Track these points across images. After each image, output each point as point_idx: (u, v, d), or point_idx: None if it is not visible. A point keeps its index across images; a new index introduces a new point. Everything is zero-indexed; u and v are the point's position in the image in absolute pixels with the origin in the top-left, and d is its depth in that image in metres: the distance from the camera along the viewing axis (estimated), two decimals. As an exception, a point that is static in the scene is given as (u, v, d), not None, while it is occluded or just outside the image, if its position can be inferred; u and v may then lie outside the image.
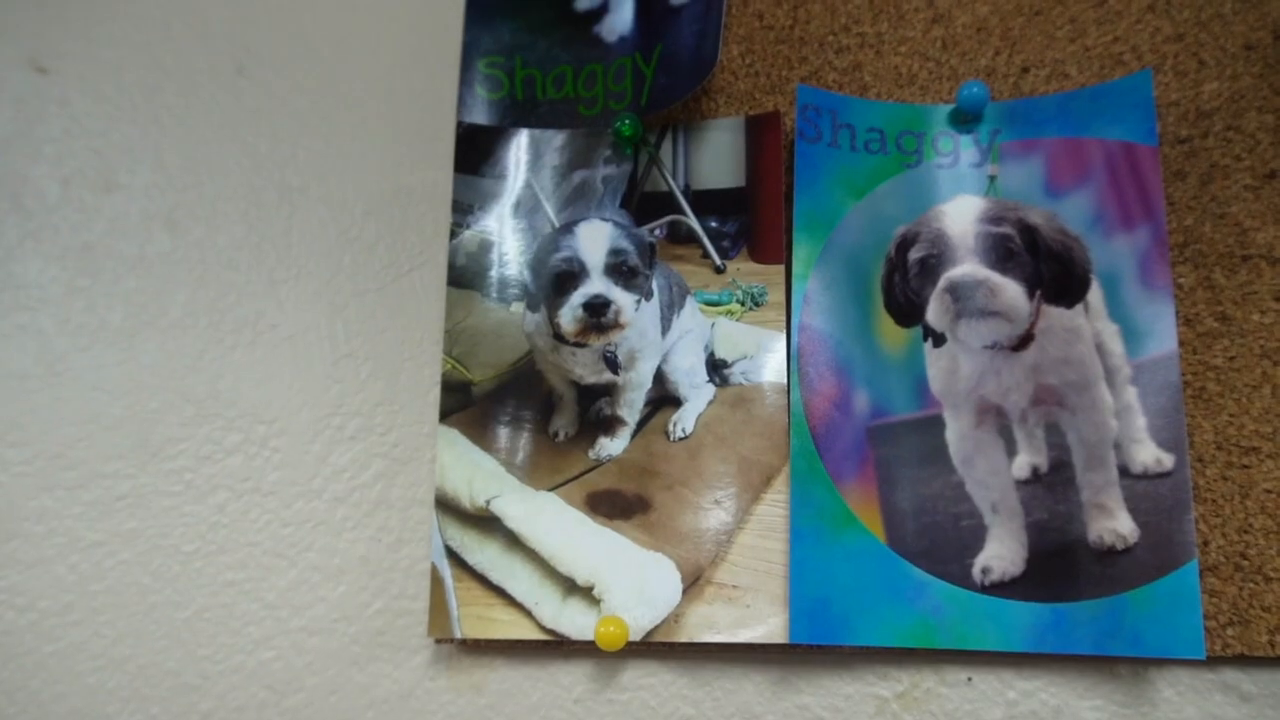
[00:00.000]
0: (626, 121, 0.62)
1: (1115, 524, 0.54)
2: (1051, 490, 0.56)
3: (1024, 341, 0.57)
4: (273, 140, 0.71)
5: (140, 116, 0.74)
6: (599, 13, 0.66)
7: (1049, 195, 0.59)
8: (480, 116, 0.66)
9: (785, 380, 0.58)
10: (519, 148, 0.65)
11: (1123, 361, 0.56)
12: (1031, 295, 0.57)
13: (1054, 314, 0.57)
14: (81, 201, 0.73)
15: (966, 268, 0.58)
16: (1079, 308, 0.57)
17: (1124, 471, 0.54)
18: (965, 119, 0.60)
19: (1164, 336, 0.55)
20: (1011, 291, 0.57)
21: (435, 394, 0.64)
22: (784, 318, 0.59)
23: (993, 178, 0.60)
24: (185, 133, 0.73)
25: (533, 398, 0.61)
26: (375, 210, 0.69)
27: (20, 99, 0.76)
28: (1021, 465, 0.56)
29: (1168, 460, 0.54)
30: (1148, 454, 0.54)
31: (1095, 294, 0.57)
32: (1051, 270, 0.57)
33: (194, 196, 0.72)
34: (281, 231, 0.70)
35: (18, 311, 0.72)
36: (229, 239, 0.70)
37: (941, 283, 0.58)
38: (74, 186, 0.74)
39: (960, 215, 0.59)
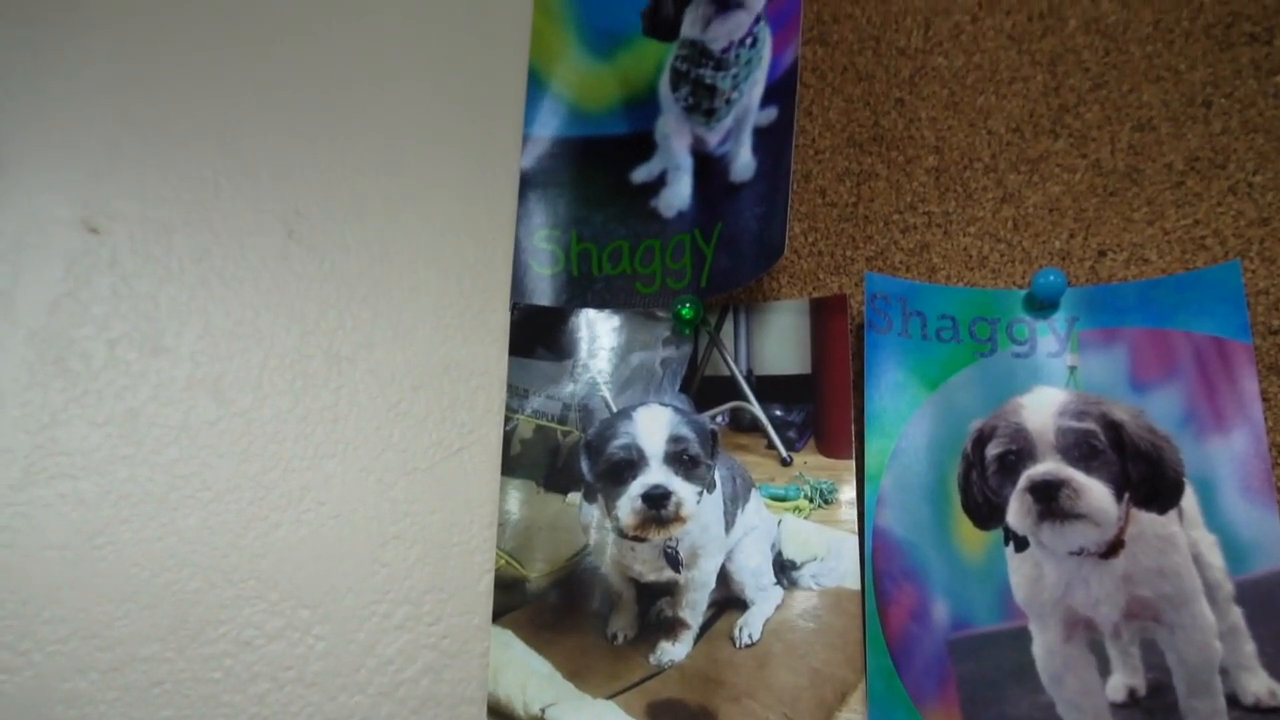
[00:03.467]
0: (687, 305, 0.60)
1: (1223, 760, 0.50)
2: (1151, 716, 0.52)
3: (1113, 548, 0.54)
4: (321, 307, 0.70)
5: (189, 279, 0.73)
6: (656, 186, 0.65)
7: (1134, 390, 0.56)
8: (535, 293, 0.64)
9: (859, 587, 0.55)
10: (575, 329, 0.63)
11: (1224, 577, 0.52)
12: (1119, 498, 0.54)
13: (1145, 520, 0.54)
14: (127, 365, 0.72)
15: (1048, 465, 0.55)
16: (1172, 514, 0.54)
17: (1233, 702, 0.50)
18: (1041, 305, 0.58)
19: (1271, 552, 0.52)
20: (1097, 493, 0.54)
21: (487, 582, 0.61)
22: (855, 518, 0.56)
23: (1073, 368, 0.57)
24: (233, 297, 0.72)
25: (590, 597, 0.58)
26: (425, 384, 0.67)
27: (71, 259, 0.75)
28: (1116, 687, 0.53)
29: (1280, 690, 0.50)
30: (1260, 684, 0.50)
31: (1189, 500, 0.54)
32: (1140, 471, 0.54)
33: (240, 363, 0.70)
34: (329, 404, 0.68)
35: (60, 479, 0.70)
36: (275, 409, 0.69)
37: (1022, 482, 0.55)
38: (120, 349, 0.73)
39: (1040, 408, 0.56)
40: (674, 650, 0.57)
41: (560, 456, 0.61)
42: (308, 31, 0.76)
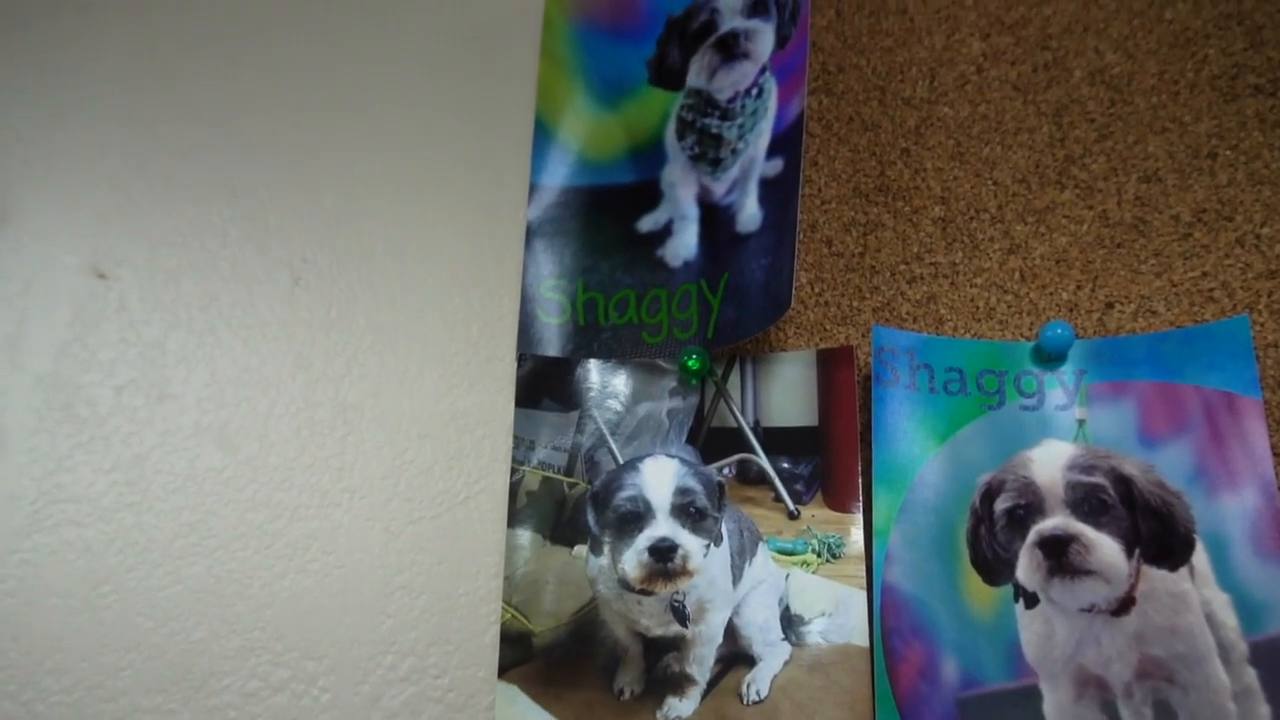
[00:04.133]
0: (694, 356, 0.60)
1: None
2: (1164, 779, 0.51)
3: (1124, 606, 0.53)
4: (327, 355, 0.70)
5: (196, 325, 0.73)
6: (662, 235, 0.65)
7: (1143, 444, 0.56)
8: (541, 342, 0.64)
9: (867, 644, 0.55)
10: (581, 379, 0.63)
11: (1237, 637, 0.52)
12: (1130, 554, 0.53)
13: (1156, 577, 0.53)
14: (134, 411, 0.72)
15: (1058, 520, 0.55)
16: (1184, 572, 0.53)
17: (1246, 766, 0.50)
18: (1049, 358, 0.58)
19: (1282, 613, 0.51)
20: (1107, 548, 0.54)
21: (493, 635, 0.61)
22: (863, 572, 0.56)
23: (1081, 422, 0.57)
24: (240, 343, 0.72)
25: (596, 651, 0.58)
26: (431, 433, 0.67)
27: (79, 305, 0.75)
28: (1129, 748, 0.52)
29: (1295, 753, 0.50)
30: (1273, 748, 0.50)
31: (1201, 557, 0.53)
32: (1150, 528, 0.54)
33: (247, 411, 0.70)
34: (335, 452, 0.68)
35: (65, 526, 0.70)
36: (281, 457, 0.69)
37: (1031, 536, 0.54)
38: (127, 395, 0.73)
39: (1048, 462, 0.56)
40: (681, 706, 0.56)
41: (566, 508, 0.61)
42: (316, 79, 0.76)
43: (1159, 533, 0.54)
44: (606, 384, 0.63)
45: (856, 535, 0.57)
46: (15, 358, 0.75)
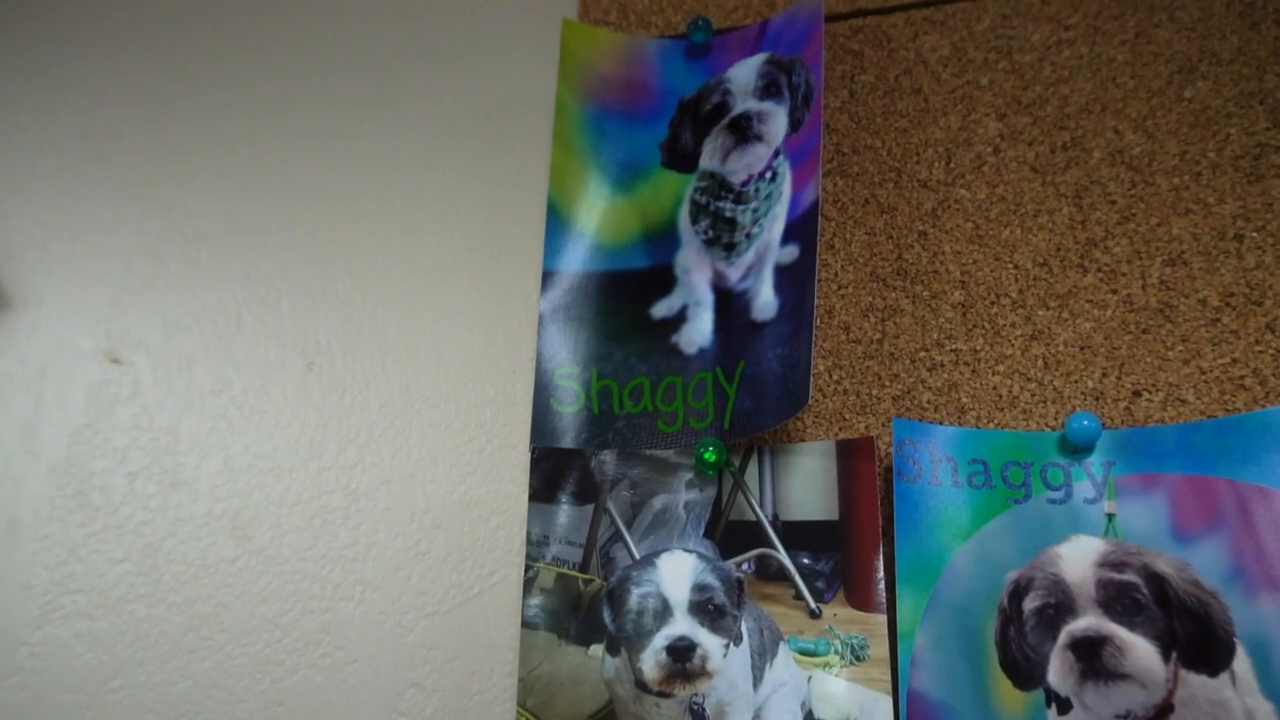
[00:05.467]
0: (710, 449, 0.59)
1: None
2: None
3: (1162, 713, 0.51)
4: (341, 442, 0.70)
5: (209, 411, 0.73)
6: (677, 322, 0.65)
7: (1176, 540, 0.54)
8: (555, 431, 0.63)
9: (894, 754, 0.53)
10: (596, 471, 0.62)
11: (1283, 749, 0.49)
12: (1166, 657, 0.51)
13: (1195, 682, 0.51)
14: (147, 499, 0.72)
15: (1089, 620, 0.53)
16: (1224, 678, 0.51)
17: None
18: (1076, 450, 0.56)
19: (1330, 726, 0.49)
20: (1142, 651, 0.52)
21: (506, 735, 0.60)
22: (889, 676, 0.54)
23: (1110, 516, 0.55)
24: (253, 430, 0.72)
25: (614, 758, 0.56)
26: (444, 523, 0.66)
27: (93, 390, 0.75)
28: None
29: None
30: None
31: (1243, 662, 0.51)
32: (1187, 629, 0.52)
33: (259, 499, 0.70)
34: (348, 542, 0.67)
35: (76, 618, 0.69)
36: (294, 547, 0.68)
37: (1062, 638, 0.52)
38: (140, 482, 0.72)
39: (1078, 559, 0.54)
40: (702, 817, 0.54)
41: (582, 606, 0.59)
42: (330, 165, 0.77)
43: (1196, 635, 0.52)
44: (622, 476, 0.62)
45: (880, 636, 0.55)
46: (30, 444, 0.75)
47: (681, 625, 0.56)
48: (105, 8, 0.86)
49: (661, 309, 0.65)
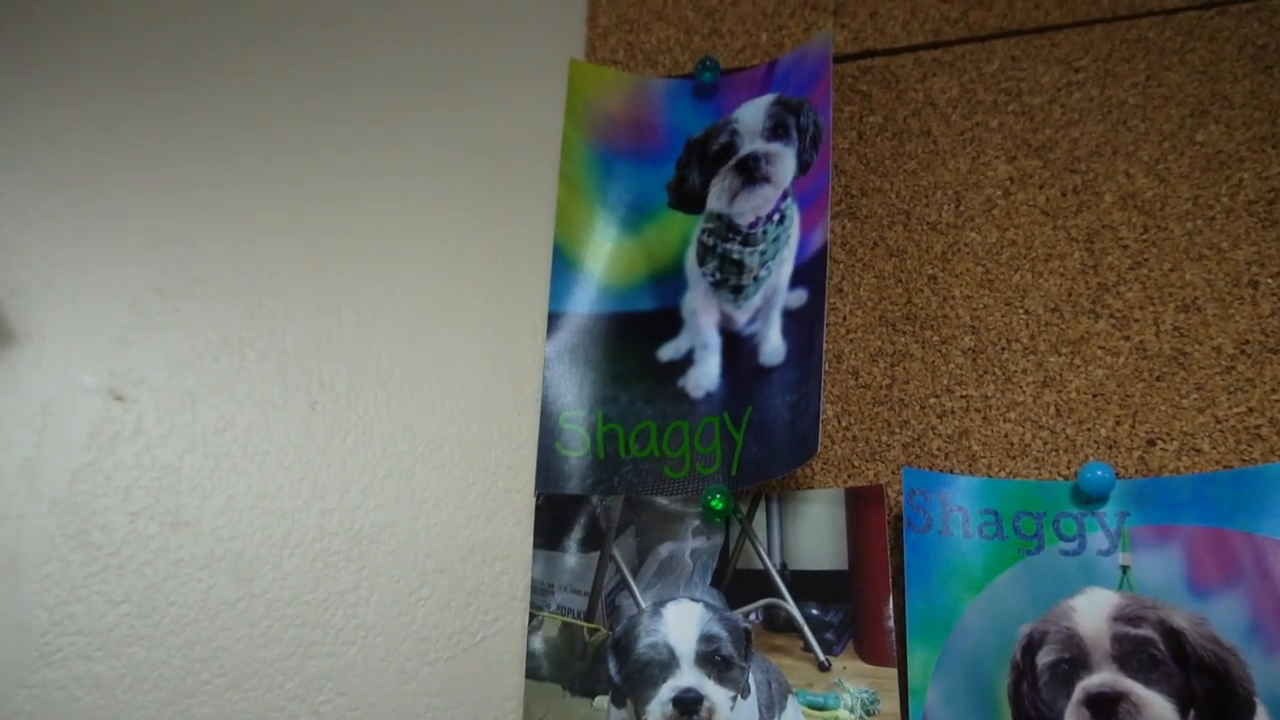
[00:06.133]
0: (717, 496, 0.58)
1: None
2: None
3: (1180, 773, 0.50)
4: (343, 483, 0.69)
5: (212, 449, 0.72)
6: (684, 365, 0.64)
7: (1193, 594, 0.53)
8: (560, 476, 0.63)
9: (905, 813, 0.51)
10: (602, 518, 0.61)
11: (1304, 814, 0.48)
12: (1184, 715, 0.50)
13: (1213, 742, 0.50)
14: (148, 539, 0.71)
15: (1105, 676, 0.52)
16: (1243, 737, 0.50)
17: None
18: (1089, 500, 0.55)
19: (1354, 790, 0.48)
20: (1158, 708, 0.51)
21: (510, 787, 0.59)
22: (900, 732, 0.53)
23: (1125, 568, 0.54)
24: (256, 470, 0.71)
25: (619, 813, 0.55)
26: (448, 568, 0.65)
27: (95, 427, 0.75)
28: None
29: None
30: None
31: (1262, 722, 0.50)
32: (1205, 687, 0.51)
33: (261, 540, 0.69)
34: (350, 586, 0.66)
35: (75, 660, 0.69)
36: (295, 590, 0.67)
37: (1077, 694, 0.51)
38: (141, 521, 0.72)
39: (1092, 612, 0.53)
40: None
41: (587, 656, 0.58)
42: (334, 204, 0.76)
43: (1214, 693, 0.50)
44: (628, 523, 0.61)
45: (891, 690, 0.54)
46: (32, 482, 0.74)
47: (688, 676, 0.55)
48: (112, 44, 0.86)
49: (668, 351, 0.65)
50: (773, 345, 0.61)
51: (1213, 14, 0.64)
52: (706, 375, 0.63)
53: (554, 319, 0.66)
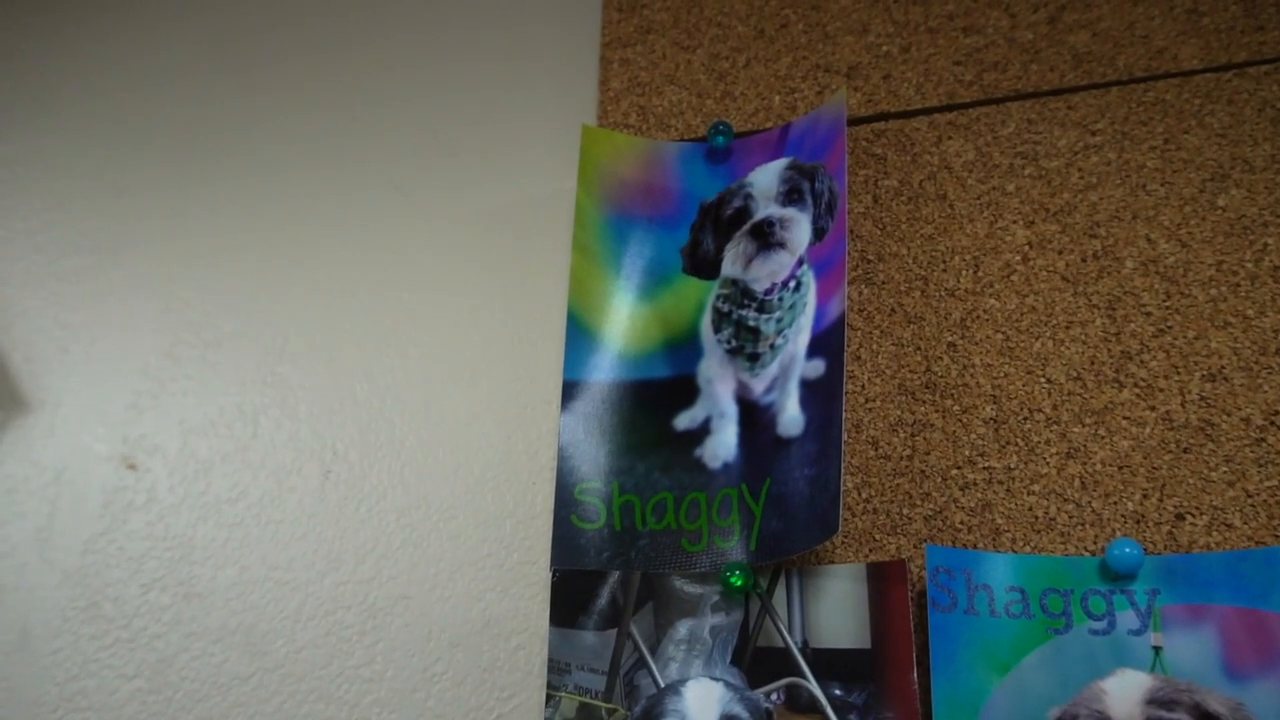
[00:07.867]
0: (736, 573, 0.57)
1: None
2: None
3: None
4: (358, 554, 0.68)
5: (225, 519, 0.72)
6: (700, 434, 0.63)
7: (1229, 678, 0.51)
8: (575, 549, 0.62)
9: None
10: (618, 594, 0.60)
11: None
12: (1222, 805, 0.49)
13: (1254, 834, 0.48)
14: (160, 611, 0.70)
15: (1138, 762, 0.50)
16: (1285, 830, 0.48)
17: None
18: (1117, 577, 0.54)
19: None
20: (1196, 797, 0.49)
21: None
22: (928, 821, 0.51)
23: (1157, 649, 0.53)
24: (269, 540, 0.70)
25: None
26: (463, 641, 0.64)
27: (108, 496, 0.74)
28: None
29: None
30: None
31: (1303, 814, 0.48)
32: (1243, 775, 0.49)
33: (274, 613, 0.68)
34: (364, 661, 0.65)
35: (87, 736, 0.68)
36: (309, 664, 0.66)
37: (1111, 781, 0.50)
38: (154, 593, 0.71)
39: (1125, 695, 0.52)
40: None
41: (605, 738, 0.57)
42: (348, 270, 0.76)
43: (1253, 782, 0.49)
44: (645, 598, 0.60)
45: (918, 777, 0.53)
46: (44, 552, 0.74)
47: (709, 759, 0.54)
48: (126, 111, 0.86)
49: (684, 420, 0.64)
50: (790, 416, 0.60)
51: (1231, 76, 0.63)
52: (724, 445, 0.62)
53: (569, 388, 0.66)
